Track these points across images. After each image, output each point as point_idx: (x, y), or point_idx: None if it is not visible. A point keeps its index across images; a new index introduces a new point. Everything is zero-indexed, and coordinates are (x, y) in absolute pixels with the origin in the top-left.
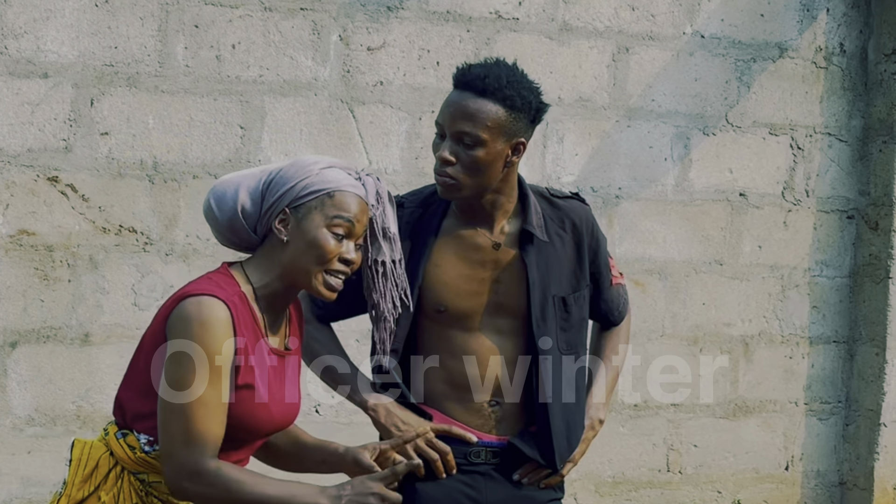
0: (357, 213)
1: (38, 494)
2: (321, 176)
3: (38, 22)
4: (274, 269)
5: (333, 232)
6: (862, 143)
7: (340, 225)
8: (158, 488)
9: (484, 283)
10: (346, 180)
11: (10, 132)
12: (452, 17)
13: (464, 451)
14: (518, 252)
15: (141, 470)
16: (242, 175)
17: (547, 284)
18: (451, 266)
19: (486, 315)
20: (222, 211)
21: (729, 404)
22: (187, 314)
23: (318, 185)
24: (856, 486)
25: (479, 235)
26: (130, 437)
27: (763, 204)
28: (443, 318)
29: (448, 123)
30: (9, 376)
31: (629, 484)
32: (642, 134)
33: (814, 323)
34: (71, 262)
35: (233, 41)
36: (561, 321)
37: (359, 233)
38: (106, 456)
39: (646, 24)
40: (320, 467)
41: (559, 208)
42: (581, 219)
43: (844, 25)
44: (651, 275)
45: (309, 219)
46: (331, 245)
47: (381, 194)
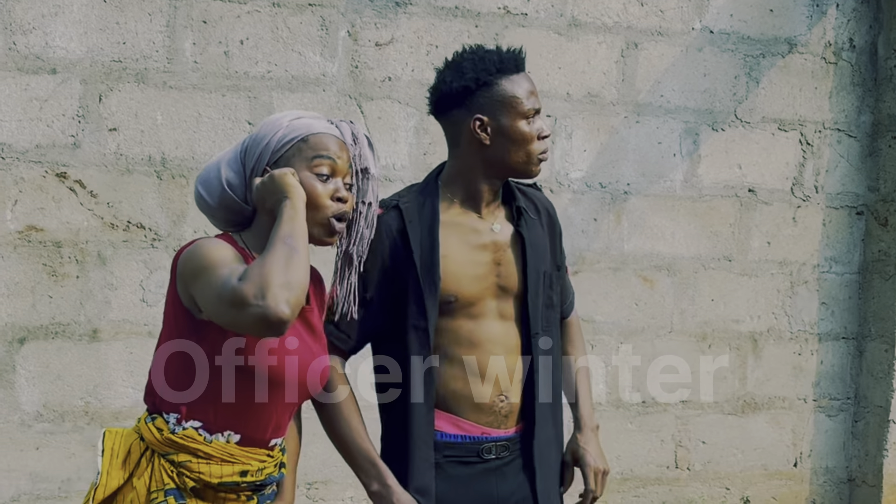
0: (336, 151)
1: (46, 490)
2: (292, 126)
3: (46, 18)
4: (268, 228)
5: (317, 173)
6: (871, 139)
7: (322, 164)
8: (189, 467)
9: (487, 266)
10: (318, 124)
11: (19, 128)
12: (461, 12)
13: (476, 449)
14: (514, 231)
15: (170, 451)
16: (221, 154)
17: (538, 261)
18: (457, 254)
19: (491, 299)
20: (211, 193)
21: (737, 401)
22: (192, 249)
23: (291, 133)
24: (865, 483)
25: (476, 220)
26: (159, 420)
27: (772, 200)
28: (451, 308)
29: (538, 103)
30: (17, 372)
31: (637, 480)
32: (651, 130)
33: (823, 319)
34: (79, 258)
35: (241, 37)
36: (546, 298)
37: (343, 169)
38: (137, 442)
39: (654, 19)
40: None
41: (527, 195)
42: (549, 206)
43: (854, 21)
44: (659, 271)
45: (290, 168)
46: (318, 187)
47: (358, 135)
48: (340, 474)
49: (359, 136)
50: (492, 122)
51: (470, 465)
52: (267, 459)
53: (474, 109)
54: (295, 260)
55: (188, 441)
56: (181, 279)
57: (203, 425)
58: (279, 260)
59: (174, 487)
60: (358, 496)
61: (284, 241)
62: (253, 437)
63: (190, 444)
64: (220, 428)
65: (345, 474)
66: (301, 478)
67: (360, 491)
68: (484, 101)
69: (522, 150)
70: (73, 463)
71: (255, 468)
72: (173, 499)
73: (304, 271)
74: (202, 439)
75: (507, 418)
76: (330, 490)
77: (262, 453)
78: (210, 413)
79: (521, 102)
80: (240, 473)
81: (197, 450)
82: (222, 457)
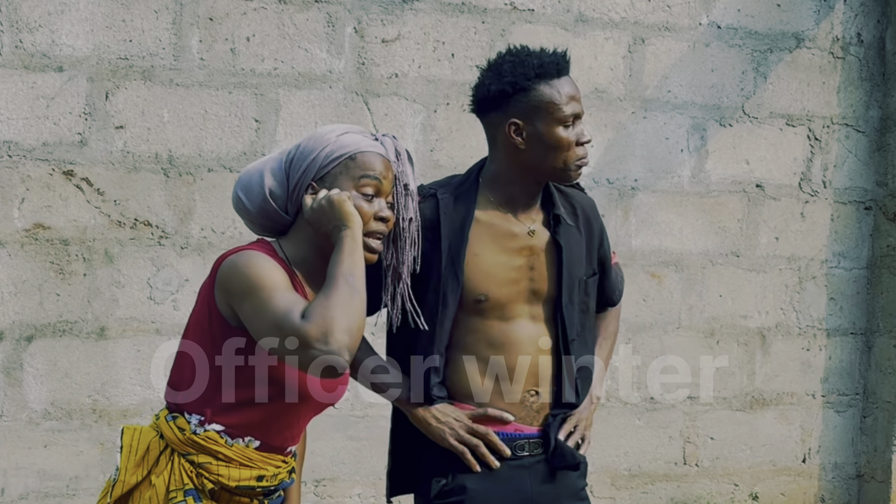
0: (382, 171)
1: (54, 488)
2: (340, 142)
3: (52, 15)
4: (309, 240)
5: (363, 193)
6: (879, 134)
7: (368, 184)
8: (209, 468)
9: (521, 270)
10: (364, 141)
11: (26, 126)
12: (467, 8)
13: (508, 446)
14: (551, 237)
15: (190, 451)
16: (264, 161)
17: (574, 268)
18: (490, 254)
19: (523, 302)
20: (251, 200)
21: (746, 397)
22: (240, 262)
23: (339, 150)
24: (873, 479)
25: (513, 223)
26: (181, 420)
27: (780, 195)
28: (482, 308)
29: (579, 108)
30: (25, 370)
31: (645, 477)
32: (658, 125)
33: (831, 315)
34: (86, 256)
35: (247, 34)
36: (581, 304)
37: (387, 190)
38: (156, 440)
39: (662, 14)
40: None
41: (568, 196)
42: (589, 206)
43: (862, 15)
44: (667, 267)
45: (336, 185)
46: (364, 207)
47: (400, 151)
48: (348, 472)
49: (401, 153)
50: (527, 126)
51: (503, 460)
52: (282, 465)
53: (510, 113)
54: (356, 301)
55: (210, 443)
56: (224, 290)
57: (225, 429)
58: (342, 302)
59: (192, 488)
60: (365, 493)
61: (346, 280)
62: (272, 443)
63: (211, 446)
64: (243, 433)
65: (352, 471)
66: (309, 475)
67: (368, 488)
68: (520, 105)
69: (559, 155)
70: (80, 461)
71: (271, 473)
72: (192, 499)
73: (363, 313)
74: (223, 442)
75: (538, 414)
76: (337, 487)
77: (279, 459)
78: (234, 418)
79: (558, 108)
80: (256, 478)
81: (217, 452)
82: (241, 461)
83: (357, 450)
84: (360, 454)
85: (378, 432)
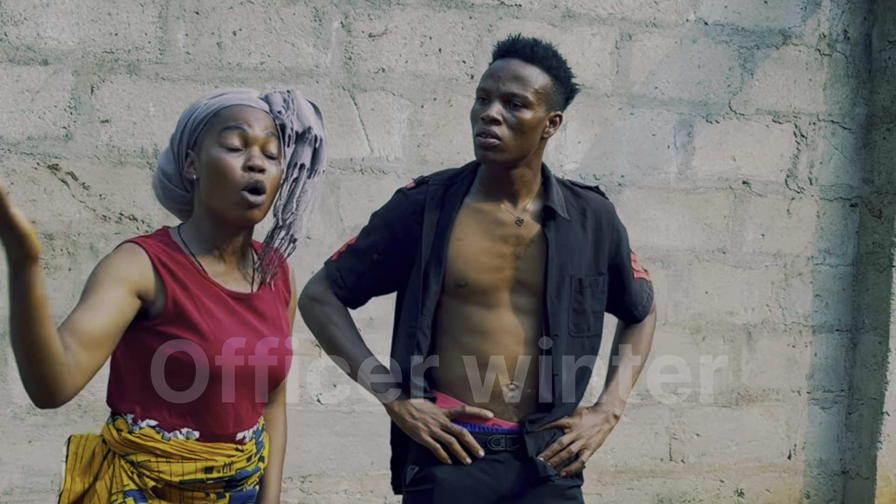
0: (247, 119)
1: (38, 484)
2: (207, 104)
3: (38, 8)
4: (197, 212)
5: (226, 146)
6: (865, 131)
7: (230, 135)
8: (149, 466)
9: (505, 259)
10: (232, 96)
11: (10, 120)
12: (454, 3)
13: (484, 440)
14: (540, 229)
15: (129, 451)
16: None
17: (565, 263)
18: (473, 240)
19: (507, 291)
20: (156, 186)
21: (731, 393)
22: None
23: (205, 111)
24: (858, 475)
25: (502, 211)
26: (120, 420)
27: (766, 192)
28: (463, 293)
29: (496, 86)
30: (9, 365)
31: (631, 473)
32: (645, 121)
33: (817, 311)
34: (71, 251)
35: (234, 28)
36: (574, 302)
37: (258, 138)
38: (100, 445)
39: (649, 10)
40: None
41: (580, 197)
42: (602, 210)
43: (848, 12)
44: (654, 263)
45: (205, 146)
46: (227, 159)
47: (291, 100)
48: (334, 467)
49: (295, 100)
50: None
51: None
52: (236, 454)
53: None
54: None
55: (146, 440)
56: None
57: (159, 424)
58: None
59: (134, 488)
60: (352, 489)
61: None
62: (214, 432)
63: (148, 444)
64: (177, 425)
65: (339, 467)
66: (295, 471)
67: (354, 483)
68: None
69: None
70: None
71: (221, 463)
72: (132, 500)
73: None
74: (160, 437)
75: (519, 409)
76: (323, 483)
77: (229, 448)
78: (164, 411)
79: (480, 88)
80: (203, 470)
81: (155, 448)
82: (182, 454)
83: (343, 446)
84: (347, 450)
85: (364, 428)
